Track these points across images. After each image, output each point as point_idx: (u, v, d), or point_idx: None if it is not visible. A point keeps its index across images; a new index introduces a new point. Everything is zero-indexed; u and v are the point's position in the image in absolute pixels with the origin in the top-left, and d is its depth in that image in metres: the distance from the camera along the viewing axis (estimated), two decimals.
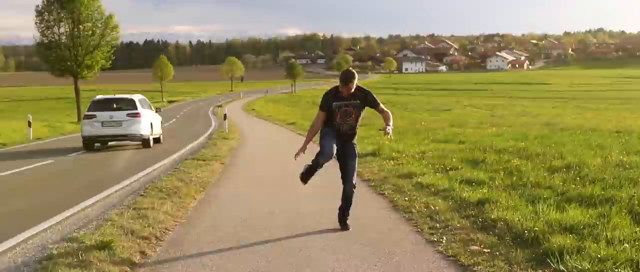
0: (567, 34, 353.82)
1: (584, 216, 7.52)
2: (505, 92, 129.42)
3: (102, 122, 22.44)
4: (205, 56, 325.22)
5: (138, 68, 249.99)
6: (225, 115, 33.61)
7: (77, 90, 56.86)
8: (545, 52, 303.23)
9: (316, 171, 8.12)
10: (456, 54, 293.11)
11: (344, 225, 8.03)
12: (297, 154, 8.16)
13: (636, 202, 8.11)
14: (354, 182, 8.09)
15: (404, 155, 15.86)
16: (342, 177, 8.11)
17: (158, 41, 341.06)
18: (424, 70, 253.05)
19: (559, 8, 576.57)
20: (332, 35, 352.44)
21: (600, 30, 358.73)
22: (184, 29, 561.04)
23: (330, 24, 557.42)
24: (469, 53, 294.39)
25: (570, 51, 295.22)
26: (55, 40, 54.06)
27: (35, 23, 54.01)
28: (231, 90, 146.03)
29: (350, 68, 8.11)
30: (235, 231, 7.98)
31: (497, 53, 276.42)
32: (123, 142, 24.09)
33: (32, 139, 29.63)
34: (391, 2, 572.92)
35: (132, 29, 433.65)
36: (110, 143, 23.97)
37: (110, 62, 56.61)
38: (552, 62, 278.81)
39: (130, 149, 22.75)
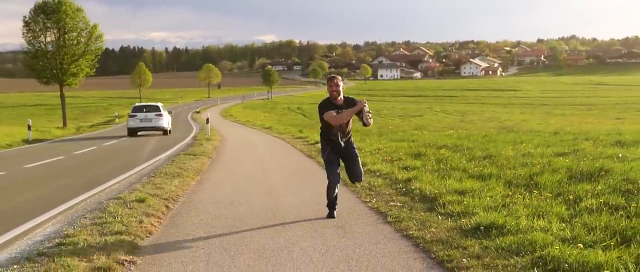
0: (540, 41, 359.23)
1: (473, 184, 10.71)
2: (478, 99, 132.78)
3: (140, 119, 36.83)
4: (181, 63, 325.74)
5: (114, 74, 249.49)
6: (207, 119, 36.64)
7: (62, 97, 59.01)
8: (518, 59, 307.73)
9: (335, 196, 9.17)
10: (431, 60, 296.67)
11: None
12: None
13: (513, 176, 11.36)
14: (362, 171, 9.23)
15: (362, 151, 19.03)
16: (348, 173, 9.25)
17: (134, 47, 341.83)
18: (398, 77, 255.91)
19: (533, 15, 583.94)
20: (308, 42, 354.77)
21: (573, 37, 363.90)
22: (159, 36, 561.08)
23: (306, 30, 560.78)
24: (444, 60, 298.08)
25: (542, 58, 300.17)
26: (41, 48, 56.37)
27: (23, 33, 56.32)
28: (208, 97, 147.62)
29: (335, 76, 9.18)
30: (227, 196, 11.15)
31: (471, 60, 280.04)
32: (147, 132, 37.46)
33: (31, 141, 32.51)
34: (367, 9, 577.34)
35: (108, 35, 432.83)
36: (138, 133, 37.10)
37: (94, 69, 59.03)
38: (524, 69, 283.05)
39: (131, 148, 26.02)
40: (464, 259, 6.29)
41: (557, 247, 6.20)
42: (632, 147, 16.29)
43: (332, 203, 9.17)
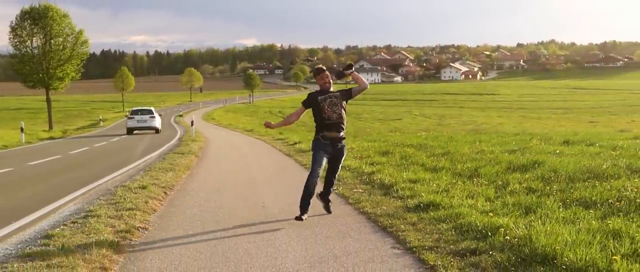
0: (520, 45, 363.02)
1: (425, 175, 12.56)
2: (457, 103, 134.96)
3: (137, 120, 45.22)
4: (163, 66, 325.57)
5: (95, 78, 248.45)
6: (192, 122, 38.44)
7: (48, 101, 60.46)
8: (498, 63, 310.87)
9: (311, 196, 9.16)
10: (411, 64, 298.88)
11: (327, 209, 9.56)
12: (268, 125, 9.35)
13: (461, 169, 13.24)
14: (337, 174, 9.60)
15: None
16: (327, 170, 9.50)
17: (115, 51, 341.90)
18: (379, 81, 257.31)
19: (513, 20, 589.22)
20: (289, 46, 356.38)
21: (552, 41, 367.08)
22: (140, 39, 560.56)
23: (287, 34, 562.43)
24: (424, 64, 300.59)
25: (521, 62, 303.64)
26: (28, 53, 57.85)
27: (9, 38, 57.85)
28: (190, 101, 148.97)
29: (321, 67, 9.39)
30: (215, 185, 12.99)
31: (451, 64, 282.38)
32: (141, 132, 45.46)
33: (24, 143, 34.17)
34: (349, 13, 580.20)
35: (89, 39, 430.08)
36: (134, 132, 44.94)
37: (79, 74, 60.57)
38: (504, 73, 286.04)
39: (123, 148, 27.80)
40: (402, 226, 8.14)
41: (474, 216, 8.04)
42: (576, 145, 18.23)
43: (304, 203, 9.06)
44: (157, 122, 45.68)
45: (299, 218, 8.76)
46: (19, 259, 6.47)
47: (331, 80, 9.14)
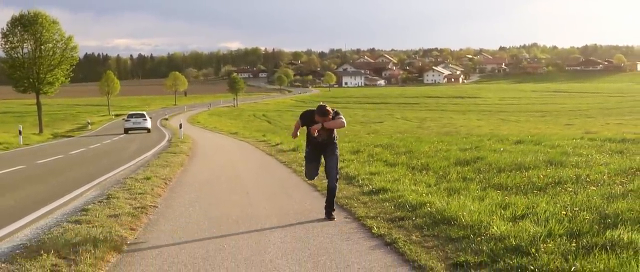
0: (502, 49, 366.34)
1: (384, 169, 14.90)
2: (438, 106, 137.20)
3: (132, 122, 55.06)
4: (147, 70, 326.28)
5: (77, 81, 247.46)
6: (180, 125, 40.72)
7: (39, 105, 62.19)
8: (480, 66, 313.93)
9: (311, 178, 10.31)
10: (394, 68, 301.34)
11: (330, 215, 9.63)
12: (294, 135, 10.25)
13: (416, 164, 15.60)
14: (336, 177, 9.86)
15: None
16: (326, 174, 10.08)
17: (98, 55, 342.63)
18: (363, 84, 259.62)
19: (495, 24, 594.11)
20: (273, 49, 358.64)
21: (534, 45, 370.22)
22: (123, 43, 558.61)
23: (272, 38, 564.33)
24: (407, 67, 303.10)
25: (503, 66, 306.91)
26: (18, 58, 59.61)
27: (0, 44, 59.68)
28: (175, 104, 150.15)
29: (326, 105, 9.50)
30: (206, 178, 15.34)
31: (434, 67, 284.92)
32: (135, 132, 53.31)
33: (22, 145, 36.27)
34: (333, 16, 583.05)
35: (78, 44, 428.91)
36: (129, 132, 53.54)
37: (69, 78, 62.38)
38: (486, 77, 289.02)
39: (118, 149, 30.00)
40: (355, 204, 10.49)
41: (411, 197, 10.37)
42: (524, 144, 20.59)
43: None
44: (149, 124, 55.90)
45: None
46: (70, 223, 8.79)
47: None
